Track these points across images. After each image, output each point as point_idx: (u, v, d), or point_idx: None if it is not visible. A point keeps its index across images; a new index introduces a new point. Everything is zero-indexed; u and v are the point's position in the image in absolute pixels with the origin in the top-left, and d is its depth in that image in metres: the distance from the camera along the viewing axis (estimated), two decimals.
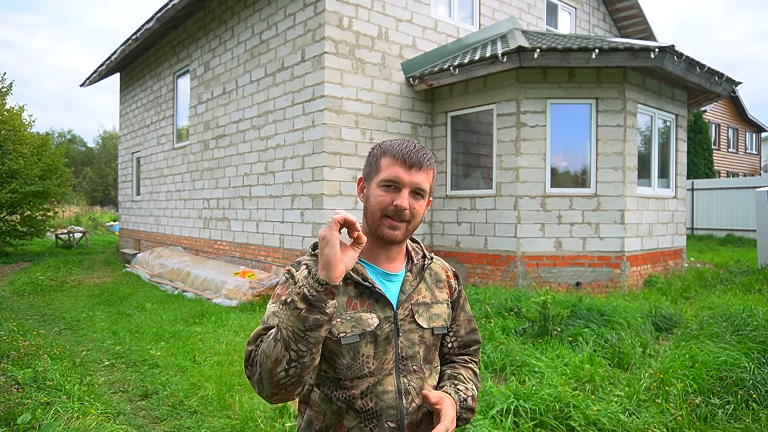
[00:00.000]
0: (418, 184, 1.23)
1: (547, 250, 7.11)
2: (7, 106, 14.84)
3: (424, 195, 1.25)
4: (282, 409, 3.44)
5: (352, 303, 1.22)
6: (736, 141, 27.49)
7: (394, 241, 1.24)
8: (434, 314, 1.30)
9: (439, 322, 1.30)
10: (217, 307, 6.99)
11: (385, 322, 1.22)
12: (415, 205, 1.23)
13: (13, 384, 3.72)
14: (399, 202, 1.20)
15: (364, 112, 7.39)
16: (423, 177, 1.23)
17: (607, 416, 3.06)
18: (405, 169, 1.22)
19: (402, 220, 1.22)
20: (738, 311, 4.89)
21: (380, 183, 1.23)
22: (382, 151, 1.26)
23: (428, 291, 1.32)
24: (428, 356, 1.30)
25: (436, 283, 1.35)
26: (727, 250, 13.18)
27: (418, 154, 1.23)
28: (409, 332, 1.25)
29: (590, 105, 7.20)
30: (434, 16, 8.35)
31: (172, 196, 11.46)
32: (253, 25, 8.43)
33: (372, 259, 1.29)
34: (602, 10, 11.99)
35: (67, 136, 42.21)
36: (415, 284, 1.29)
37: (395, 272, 1.29)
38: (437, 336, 1.32)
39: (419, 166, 1.22)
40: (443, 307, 1.33)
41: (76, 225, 21.24)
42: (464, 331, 1.42)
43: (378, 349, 1.21)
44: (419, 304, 1.29)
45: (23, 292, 8.58)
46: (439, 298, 1.33)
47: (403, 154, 1.23)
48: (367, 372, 1.21)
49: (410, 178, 1.22)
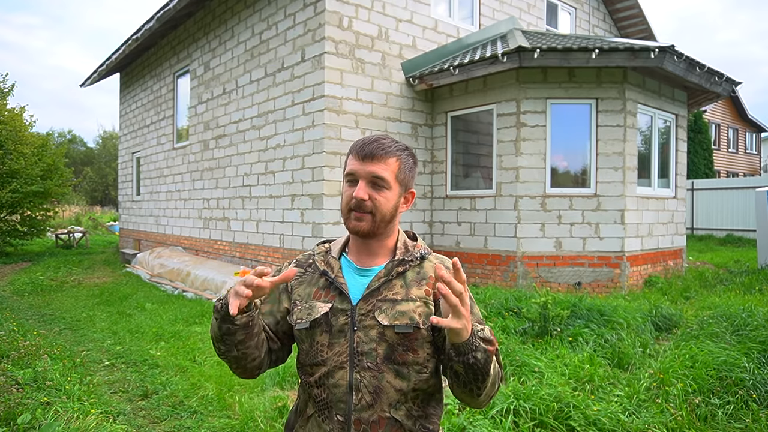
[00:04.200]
0: (373, 173, 1.22)
1: (547, 250, 7.11)
2: (9, 106, 14.86)
3: (385, 185, 1.23)
4: (282, 409, 3.44)
5: (319, 293, 1.29)
6: (736, 141, 27.49)
7: (361, 233, 1.25)
8: (400, 311, 1.21)
9: (403, 320, 1.21)
10: None
11: (342, 314, 1.24)
12: (376, 195, 1.23)
13: (13, 384, 3.72)
14: (355, 193, 1.22)
15: (364, 112, 7.39)
16: (380, 167, 1.23)
17: (607, 416, 3.06)
18: (359, 160, 1.24)
19: (363, 212, 1.23)
20: (738, 311, 4.89)
21: (344, 179, 1.28)
22: (349, 149, 1.30)
23: (403, 288, 1.25)
24: (392, 356, 1.21)
25: (418, 281, 1.27)
26: (727, 250, 13.18)
27: (372, 145, 1.24)
28: (368, 328, 1.22)
29: (590, 105, 7.20)
30: (434, 16, 8.35)
31: (172, 196, 11.46)
32: (253, 25, 8.43)
33: (352, 254, 1.33)
34: (602, 10, 11.99)
35: (67, 136, 42.24)
36: (384, 280, 1.25)
37: (371, 267, 1.29)
38: (405, 335, 1.21)
39: (372, 156, 1.23)
40: (414, 305, 1.23)
41: (76, 225, 21.24)
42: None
43: (332, 340, 1.24)
44: (386, 300, 1.23)
45: (23, 292, 8.58)
46: (413, 295, 1.24)
47: (357, 147, 1.26)
48: (320, 360, 1.24)
49: (365, 169, 1.23)
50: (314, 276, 1.34)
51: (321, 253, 1.38)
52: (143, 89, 13.11)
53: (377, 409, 1.20)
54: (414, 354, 1.23)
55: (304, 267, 1.38)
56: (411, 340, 1.22)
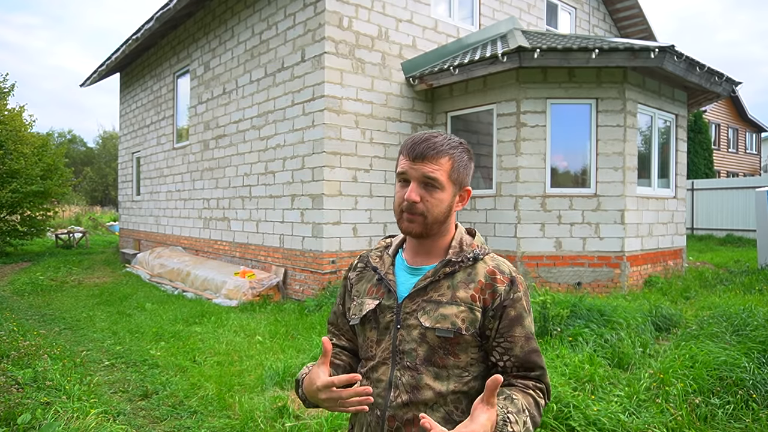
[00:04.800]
0: (425, 174, 1.19)
1: (547, 250, 7.11)
2: (9, 106, 14.86)
3: (437, 185, 1.20)
4: (282, 409, 3.44)
5: (372, 290, 1.32)
6: (736, 141, 27.49)
7: (413, 234, 1.24)
8: (442, 315, 1.19)
9: (445, 323, 1.18)
10: (217, 307, 6.99)
11: (388, 311, 1.26)
12: (429, 197, 1.20)
13: (13, 384, 3.72)
14: (406, 195, 1.20)
15: (364, 112, 7.39)
16: (432, 167, 1.19)
17: (607, 416, 3.06)
18: (410, 160, 1.21)
19: (415, 213, 1.20)
20: (738, 311, 4.89)
21: (397, 179, 1.26)
22: (400, 147, 1.27)
23: (450, 290, 1.22)
24: (432, 358, 1.20)
25: (466, 283, 1.22)
26: (727, 250, 13.18)
27: (423, 144, 1.20)
28: (411, 327, 1.22)
29: (590, 105, 7.20)
30: (434, 16, 8.35)
31: (172, 196, 11.47)
32: (253, 25, 8.43)
33: (407, 252, 1.33)
34: (602, 10, 11.99)
35: (67, 136, 42.24)
36: (431, 280, 1.23)
37: (422, 266, 1.28)
38: (446, 340, 1.19)
39: (423, 156, 1.19)
40: (457, 309, 1.19)
41: (76, 225, 21.24)
42: (520, 350, 1.20)
43: (380, 336, 1.26)
44: (431, 301, 1.22)
45: (23, 292, 8.58)
46: (459, 298, 1.20)
47: (407, 146, 1.23)
48: (371, 355, 1.28)
49: (415, 170, 1.20)
50: (369, 272, 1.36)
51: (379, 248, 1.39)
52: (143, 89, 13.10)
53: (413, 408, 1.19)
54: (455, 358, 1.21)
55: (364, 262, 1.40)
56: (452, 344, 1.19)
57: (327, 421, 3.11)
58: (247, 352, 4.97)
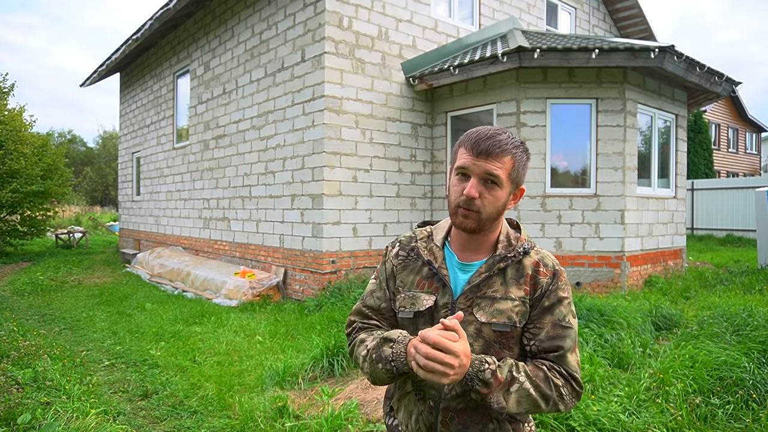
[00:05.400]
0: (488, 171, 1.20)
1: (547, 250, 7.10)
2: (9, 106, 14.86)
3: (498, 182, 1.21)
4: (282, 409, 3.44)
5: (422, 283, 1.31)
6: (736, 141, 27.49)
7: (467, 230, 1.25)
8: (498, 309, 1.23)
9: (501, 318, 1.22)
10: (217, 307, 6.99)
11: (444, 307, 1.27)
12: (487, 194, 1.21)
13: (13, 384, 3.72)
14: (466, 191, 1.21)
15: (364, 112, 7.39)
16: (495, 165, 1.20)
17: (607, 416, 3.06)
18: (473, 156, 1.21)
19: (471, 210, 1.22)
20: (738, 311, 4.89)
21: (455, 172, 1.26)
22: (461, 140, 1.27)
23: (503, 286, 1.25)
24: (488, 352, 1.23)
25: (517, 279, 1.26)
26: (727, 250, 13.18)
27: (489, 141, 1.21)
28: (467, 323, 1.23)
29: (590, 105, 7.20)
30: (434, 16, 8.35)
31: (172, 196, 11.47)
32: (253, 25, 8.43)
33: (455, 245, 1.33)
34: (602, 10, 11.99)
35: (67, 136, 42.22)
36: (485, 276, 1.25)
37: (473, 262, 1.29)
38: (502, 334, 1.23)
39: (487, 153, 1.20)
40: (512, 304, 1.24)
41: (76, 225, 21.24)
42: (545, 335, 1.24)
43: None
44: (485, 297, 1.24)
45: (23, 292, 8.58)
46: (512, 294, 1.24)
47: (471, 141, 1.23)
48: None
49: (478, 166, 1.21)
50: (417, 264, 1.34)
51: (423, 238, 1.37)
52: (143, 89, 13.11)
53: (465, 398, 1.23)
54: (510, 351, 1.26)
55: (406, 250, 1.38)
56: (507, 338, 1.24)
57: (327, 421, 3.11)
58: (247, 352, 4.97)
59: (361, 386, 3.71)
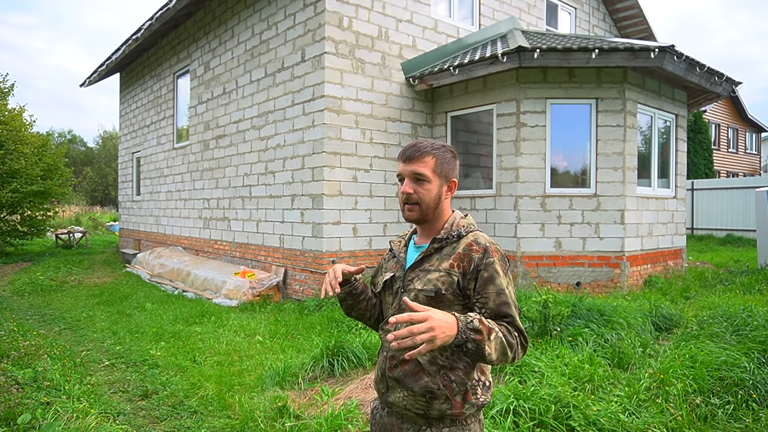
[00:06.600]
0: (414, 171, 1.52)
1: (547, 250, 7.11)
2: (9, 106, 14.86)
3: (424, 178, 1.51)
4: (282, 409, 3.44)
5: (390, 265, 1.68)
6: (736, 141, 27.48)
7: (412, 220, 1.57)
8: (428, 279, 1.50)
9: (429, 286, 1.49)
10: (217, 307, 6.99)
11: (398, 280, 1.60)
12: (419, 189, 1.52)
13: (13, 384, 3.72)
14: (402, 189, 1.54)
15: (364, 112, 7.39)
16: (419, 166, 1.51)
17: (607, 416, 3.06)
18: (403, 163, 1.55)
19: (411, 203, 1.53)
20: (738, 311, 4.89)
21: (398, 179, 1.58)
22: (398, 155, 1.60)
23: (437, 261, 1.52)
24: None
25: (449, 255, 1.51)
26: (727, 250, 13.18)
27: (411, 149, 1.54)
28: (410, 291, 1.53)
29: (590, 105, 7.20)
30: (434, 16, 8.35)
31: (172, 196, 11.47)
32: (253, 25, 8.43)
33: (417, 235, 1.66)
34: (602, 10, 11.99)
35: (67, 136, 42.24)
36: (425, 254, 1.55)
37: (424, 244, 1.60)
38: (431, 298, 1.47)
39: (411, 158, 1.53)
40: (438, 275, 1.49)
41: (76, 225, 21.24)
42: (493, 303, 1.45)
43: (393, 300, 1.61)
44: (423, 270, 1.53)
45: (23, 292, 8.58)
46: (442, 267, 1.50)
47: (401, 153, 1.57)
48: (389, 315, 1.62)
49: (406, 169, 1.54)
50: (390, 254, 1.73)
51: (402, 235, 1.74)
52: (143, 89, 13.11)
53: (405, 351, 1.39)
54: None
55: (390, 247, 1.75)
56: (436, 302, 1.47)
57: (327, 421, 3.11)
58: (247, 352, 4.97)
59: (361, 386, 3.71)
